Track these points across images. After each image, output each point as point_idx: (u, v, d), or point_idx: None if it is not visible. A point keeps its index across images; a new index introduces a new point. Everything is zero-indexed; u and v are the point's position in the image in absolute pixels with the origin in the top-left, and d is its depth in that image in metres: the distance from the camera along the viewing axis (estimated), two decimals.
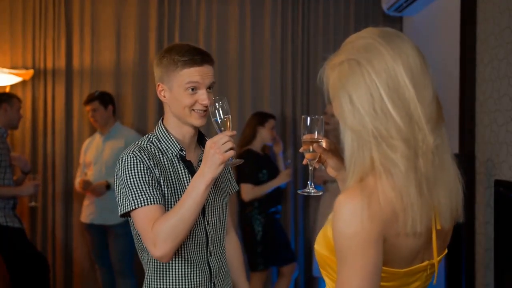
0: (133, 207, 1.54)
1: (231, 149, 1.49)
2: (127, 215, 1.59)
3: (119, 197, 1.60)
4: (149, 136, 1.71)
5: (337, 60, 1.07)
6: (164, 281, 1.66)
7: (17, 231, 3.40)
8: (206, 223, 1.69)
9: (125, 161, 1.59)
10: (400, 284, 1.09)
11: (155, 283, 1.66)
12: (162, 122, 1.72)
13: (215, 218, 1.72)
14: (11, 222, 3.35)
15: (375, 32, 1.07)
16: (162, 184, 1.60)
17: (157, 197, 1.55)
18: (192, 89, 1.62)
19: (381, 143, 1.01)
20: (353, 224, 0.98)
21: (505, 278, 2.39)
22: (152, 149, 1.65)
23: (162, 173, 1.61)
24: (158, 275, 1.66)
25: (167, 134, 1.69)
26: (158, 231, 1.49)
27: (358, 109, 1.02)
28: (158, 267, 1.66)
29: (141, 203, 1.53)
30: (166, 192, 1.61)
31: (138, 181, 1.55)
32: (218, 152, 1.48)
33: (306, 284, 4.26)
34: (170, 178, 1.63)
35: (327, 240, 1.10)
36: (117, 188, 1.62)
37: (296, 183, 4.22)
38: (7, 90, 3.90)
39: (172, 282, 1.65)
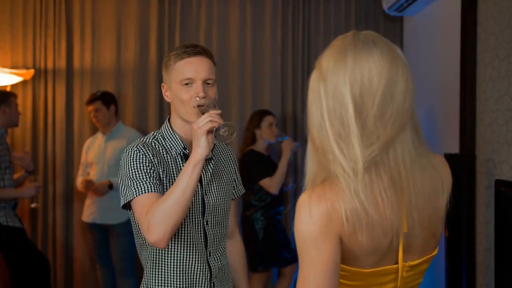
0: (133, 196, 1.55)
1: (209, 121, 1.50)
2: (128, 206, 1.60)
3: (121, 189, 1.61)
4: (155, 134, 1.73)
5: (318, 62, 1.10)
6: (162, 278, 1.66)
7: (18, 231, 3.40)
8: (205, 222, 1.69)
9: (128, 153, 1.61)
10: (368, 284, 1.10)
11: (154, 280, 1.67)
12: (169, 121, 1.73)
13: (215, 219, 1.72)
14: (11, 222, 3.35)
15: (348, 39, 1.07)
16: (164, 181, 1.61)
17: (155, 186, 1.56)
18: (187, 83, 1.63)
19: (321, 155, 1.06)
20: (306, 221, 1.02)
21: (506, 278, 2.39)
22: (157, 146, 1.67)
23: (165, 170, 1.63)
24: (156, 272, 1.67)
25: (172, 132, 1.70)
26: (151, 215, 1.50)
27: (311, 119, 1.07)
28: (157, 264, 1.66)
29: (139, 192, 1.55)
30: (167, 189, 1.61)
31: (140, 173, 1.57)
32: (197, 127, 1.50)
33: None
34: (172, 176, 1.65)
35: None
36: (120, 180, 1.64)
37: (297, 184, 4.21)
38: (8, 89, 3.89)
39: (170, 280, 1.65)
